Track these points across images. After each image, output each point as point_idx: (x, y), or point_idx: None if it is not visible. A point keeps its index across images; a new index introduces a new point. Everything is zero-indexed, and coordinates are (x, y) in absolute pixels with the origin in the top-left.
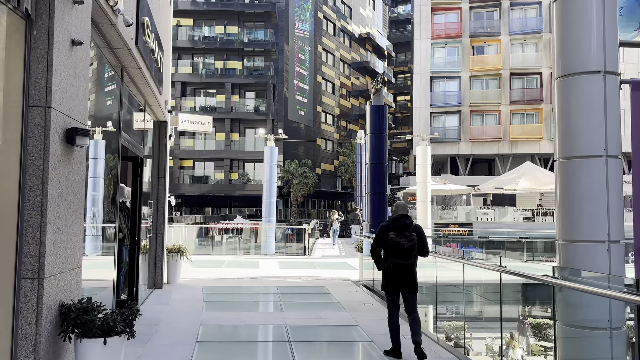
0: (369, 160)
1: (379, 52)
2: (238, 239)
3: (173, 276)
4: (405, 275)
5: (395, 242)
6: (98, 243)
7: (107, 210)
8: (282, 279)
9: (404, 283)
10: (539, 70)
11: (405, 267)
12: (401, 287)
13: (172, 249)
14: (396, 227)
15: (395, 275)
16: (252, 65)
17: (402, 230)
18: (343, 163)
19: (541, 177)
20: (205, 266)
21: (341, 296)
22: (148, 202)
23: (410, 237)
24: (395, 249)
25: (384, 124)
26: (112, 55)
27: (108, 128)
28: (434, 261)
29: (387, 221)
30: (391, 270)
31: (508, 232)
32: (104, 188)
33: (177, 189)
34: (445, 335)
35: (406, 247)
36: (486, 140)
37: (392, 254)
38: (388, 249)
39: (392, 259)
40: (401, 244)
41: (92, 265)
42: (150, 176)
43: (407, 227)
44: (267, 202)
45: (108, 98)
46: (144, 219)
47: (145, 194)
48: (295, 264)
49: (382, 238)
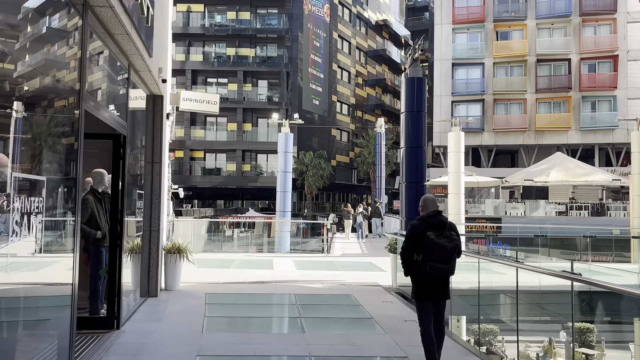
0: (404, 144)
1: (396, 40)
2: (250, 234)
3: (172, 281)
4: (443, 281)
5: (436, 243)
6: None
7: (63, 200)
8: (301, 284)
9: (441, 289)
10: (568, 56)
11: (446, 271)
12: (437, 294)
13: (171, 249)
14: (433, 225)
15: (433, 281)
16: (265, 53)
17: (441, 228)
18: (359, 154)
19: (574, 169)
20: (212, 266)
21: (374, 309)
22: (135, 192)
23: (450, 237)
24: (436, 251)
25: (423, 100)
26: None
27: (62, 85)
28: (474, 263)
29: (420, 219)
30: (428, 276)
31: (552, 228)
32: (53, 170)
33: (188, 181)
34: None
35: (449, 248)
36: (510, 130)
37: (432, 257)
38: (427, 252)
39: (432, 262)
40: (443, 245)
41: (40, 270)
42: (144, 162)
43: (444, 225)
44: (281, 194)
45: (62, 44)
46: (128, 213)
47: (134, 184)
48: (313, 264)
49: (418, 239)
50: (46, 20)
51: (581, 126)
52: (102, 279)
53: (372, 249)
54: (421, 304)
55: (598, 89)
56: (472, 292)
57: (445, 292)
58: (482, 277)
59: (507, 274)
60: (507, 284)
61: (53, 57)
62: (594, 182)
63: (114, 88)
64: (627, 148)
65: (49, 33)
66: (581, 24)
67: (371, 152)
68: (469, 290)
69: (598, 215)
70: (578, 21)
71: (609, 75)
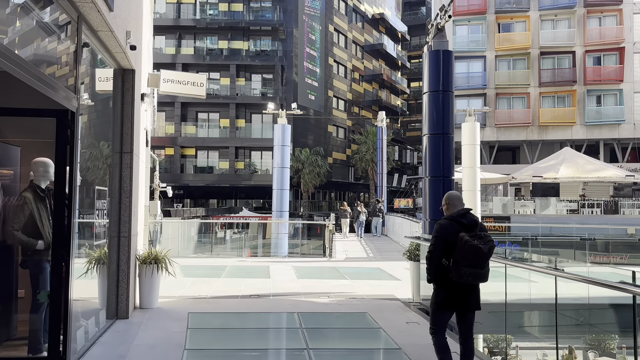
0: (427, 130)
1: (393, 34)
2: (244, 235)
3: (148, 297)
4: (471, 289)
5: (472, 245)
6: None
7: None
8: (304, 298)
9: (469, 298)
10: (572, 48)
11: (482, 277)
12: (465, 304)
13: (146, 259)
14: (465, 225)
15: (463, 289)
16: (258, 46)
17: (473, 229)
18: (357, 151)
19: (584, 164)
20: (200, 274)
21: (399, 334)
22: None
23: (485, 238)
24: (473, 254)
25: (450, 77)
26: None
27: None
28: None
29: (450, 218)
30: (460, 283)
31: (578, 228)
32: None
33: (179, 180)
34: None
35: (485, 251)
36: (513, 125)
37: (467, 261)
38: (461, 255)
39: (467, 267)
40: (479, 247)
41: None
42: (111, 151)
43: (476, 224)
44: (278, 192)
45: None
46: (85, 214)
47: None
48: (315, 271)
49: (446, 240)
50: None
51: (586, 121)
52: (43, 306)
53: (377, 252)
54: (441, 312)
55: (603, 82)
56: (497, 304)
57: (476, 302)
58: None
59: (539, 282)
60: (539, 294)
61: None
62: (605, 179)
63: (59, 49)
64: (633, 143)
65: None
66: (586, 15)
67: (369, 149)
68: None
69: (611, 214)
70: (583, 12)
71: (614, 68)
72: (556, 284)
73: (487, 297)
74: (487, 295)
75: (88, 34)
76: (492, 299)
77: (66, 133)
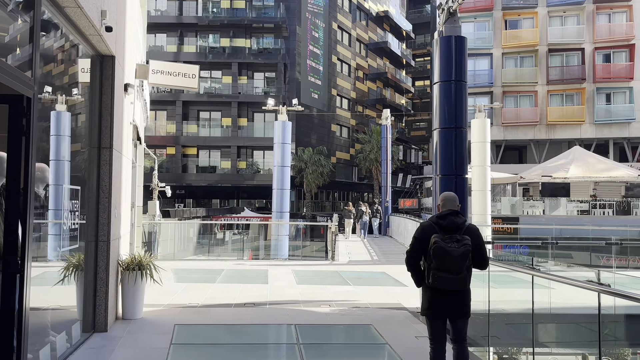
0: (438, 124)
1: (397, 32)
2: (244, 237)
3: (131, 307)
4: (454, 295)
5: (440, 248)
6: None
7: None
8: (303, 307)
9: (452, 305)
10: (581, 45)
11: (455, 283)
12: (449, 311)
13: (129, 265)
14: (442, 227)
15: (440, 294)
16: (261, 44)
17: (451, 231)
18: (361, 150)
19: (594, 164)
20: (193, 279)
21: (407, 351)
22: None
23: (461, 242)
24: (441, 257)
25: (463, 66)
26: None
27: None
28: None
29: (430, 219)
30: (435, 288)
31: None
32: None
33: (181, 180)
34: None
35: (456, 255)
36: (520, 124)
37: (436, 264)
38: (431, 258)
39: (438, 271)
40: (449, 250)
41: None
42: (89, 147)
43: (458, 227)
44: (278, 192)
45: None
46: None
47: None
48: (317, 276)
49: (422, 242)
50: None
51: (595, 119)
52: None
53: (382, 254)
54: (431, 321)
55: (613, 80)
56: (521, 317)
57: (461, 309)
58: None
59: (556, 288)
60: (559, 303)
61: None
62: (617, 178)
63: (14, 27)
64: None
65: None
66: (595, 11)
67: (374, 148)
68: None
69: (623, 214)
70: (592, 8)
71: (624, 66)
72: (600, 301)
73: (502, 306)
74: (502, 304)
75: (53, 10)
76: (508, 308)
77: (20, 122)
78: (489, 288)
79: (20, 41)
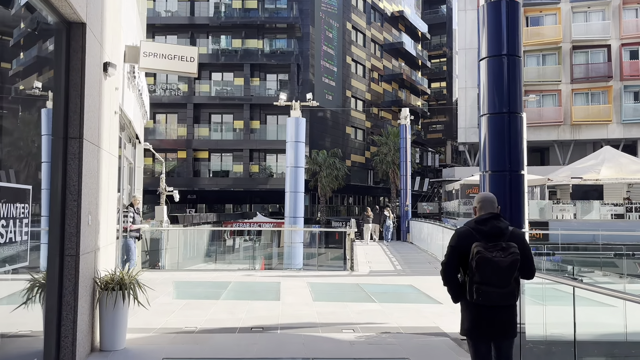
0: (487, 109)
1: (412, 32)
2: (256, 244)
3: (110, 335)
4: (499, 312)
5: (484, 258)
6: None
7: None
8: (321, 333)
9: (499, 324)
10: (607, 42)
11: (501, 297)
12: (494, 331)
13: (108, 284)
14: (484, 234)
15: (485, 311)
16: (273, 45)
17: (495, 238)
18: (377, 153)
19: (627, 164)
20: (195, 295)
21: None
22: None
23: (507, 250)
24: (485, 269)
25: (518, 37)
26: None
27: None
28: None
29: (468, 225)
30: (479, 305)
31: None
32: None
33: (194, 184)
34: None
35: (503, 265)
36: (543, 124)
37: (480, 277)
38: (473, 270)
39: (482, 285)
40: (496, 261)
41: None
42: (53, 137)
43: (502, 233)
44: (291, 195)
45: None
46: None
47: None
48: (335, 290)
49: (460, 251)
50: None
51: (623, 119)
52: None
53: (406, 264)
54: (474, 343)
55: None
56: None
57: (508, 328)
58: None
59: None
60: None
61: None
62: None
63: None
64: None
65: None
66: (621, 6)
67: (390, 150)
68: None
69: None
70: (618, 3)
71: None
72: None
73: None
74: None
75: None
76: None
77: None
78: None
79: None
